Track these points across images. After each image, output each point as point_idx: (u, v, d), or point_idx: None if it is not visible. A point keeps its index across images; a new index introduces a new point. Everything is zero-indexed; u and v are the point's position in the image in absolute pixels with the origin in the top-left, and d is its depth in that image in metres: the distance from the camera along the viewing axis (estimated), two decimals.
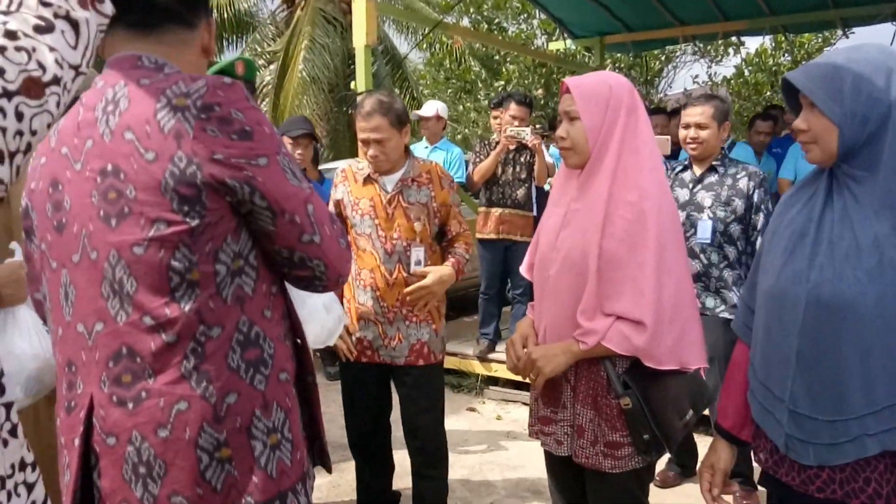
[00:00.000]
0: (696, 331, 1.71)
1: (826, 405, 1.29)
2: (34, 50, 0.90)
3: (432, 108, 5.23)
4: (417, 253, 2.57)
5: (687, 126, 2.99)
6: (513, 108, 4.55)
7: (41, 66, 0.90)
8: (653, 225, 1.64)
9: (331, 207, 2.69)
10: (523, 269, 2.02)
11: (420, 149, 5.21)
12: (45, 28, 0.92)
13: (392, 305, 2.58)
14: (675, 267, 1.66)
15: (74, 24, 0.96)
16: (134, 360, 1.09)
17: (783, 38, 9.92)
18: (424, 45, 12.71)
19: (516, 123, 4.50)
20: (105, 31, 1.13)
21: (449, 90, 12.62)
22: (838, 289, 1.25)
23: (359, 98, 3.08)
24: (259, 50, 12.42)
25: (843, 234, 1.28)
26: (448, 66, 12.63)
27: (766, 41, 10.97)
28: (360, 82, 4.71)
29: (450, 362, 4.52)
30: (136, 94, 1.10)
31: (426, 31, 8.19)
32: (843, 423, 1.27)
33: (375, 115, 2.50)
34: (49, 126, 0.94)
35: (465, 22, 12.26)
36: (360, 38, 4.58)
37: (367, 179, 2.63)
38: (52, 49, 0.92)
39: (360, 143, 2.62)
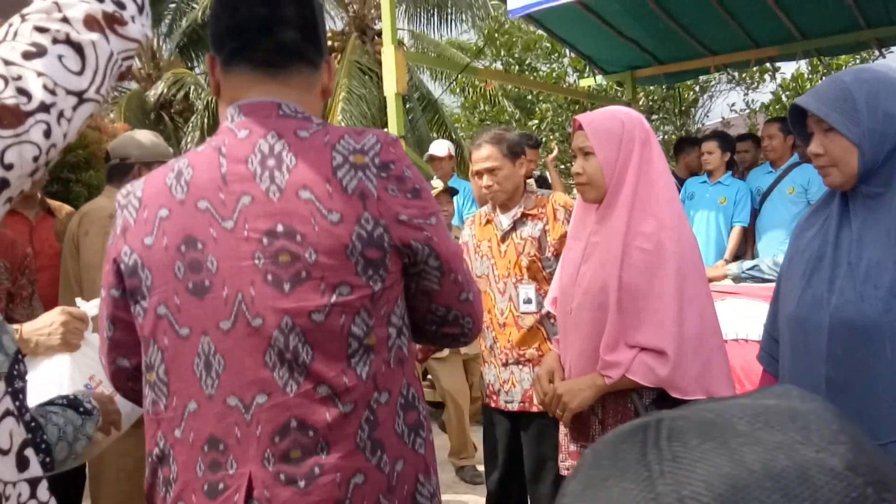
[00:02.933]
0: (721, 360, 1.68)
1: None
2: (18, 78, 0.82)
3: (444, 147, 5.22)
4: (526, 291, 2.44)
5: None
6: None
7: (23, 93, 0.82)
8: (672, 255, 1.63)
9: None
10: (547, 303, 2.03)
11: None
12: (35, 54, 0.84)
13: (504, 347, 2.48)
14: (697, 296, 1.65)
15: (77, 48, 0.87)
16: (305, 433, 0.99)
17: (818, 62, 9.79)
18: (458, 90, 12.93)
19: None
20: (224, 70, 1.10)
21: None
22: (861, 310, 1.22)
23: None
24: None
25: (861, 254, 1.26)
26: (482, 108, 12.80)
27: (803, 65, 10.85)
28: (391, 128, 4.81)
29: None
30: (301, 148, 1.03)
31: (455, 75, 8.34)
32: (882, 448, 1.22)
33: (486, 145, 2.49)
34: (35, 159, 0.84)
35: (498, 66, 12.45)
36: (390, 86, 4.69)
37: (488, 221, 2.59)
38: (40, 74, 0.84)
39: (474, 178, 2.57)
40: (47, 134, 0.84)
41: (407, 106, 12.26)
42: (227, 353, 1.01)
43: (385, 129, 4.97)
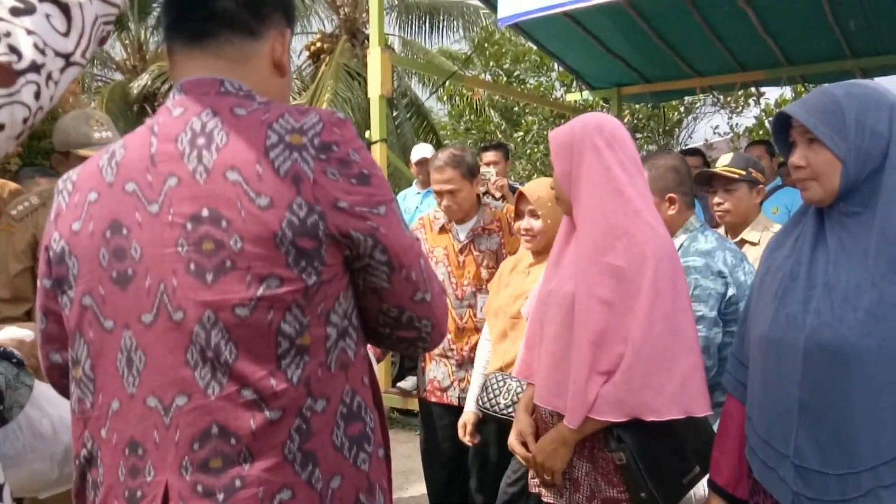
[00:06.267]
0: (699, 378, 1.59)
1: (835, 458, 1.20)
2: (7, 34, 0.79)
3: (429, 150, 5.25)
4: (484, 299, 2.63)
5: None
6: (484, 156, 4.88)
7: (13, 51, 0.79)
8: (647, 270, 1.56)
9: None
10: (525, 309, 2.00)
11: (412, 194, 5.22)
12: (23, 10, 0.81)
13: (461, 349, 2.64)
14: (672, 312, 1.57)
15: (64, 8, 0.84)
16: (227, 441, 0.90)
17: (803, 89, 9.91)
18: (444, 98, 12.92)
19: (490, 167, 4.77)
20: (168, 48, 1.03)
21: (469, 140, 12.76)
22: (839, 333, 1.18)
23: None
24: None
25: (839, 275, 1.22)
26: (468, 117, 12.79)
27: (787, 91, 10.97)
28: (374, 131, 4.77)
29: None
30: (235, 126, 0.94)
31: (441, 82, 8.33)
32: (855, 476, 1.19)
33: (447, 168, 2.63)
34: (25, 121, 0.80)
35: (487, 77, 12.46)
36: (374, 88, 4.66)
37: (442, 229, 2.76)
38: (30, 32, 0.80)
39: (434, 194, 2.75)
40: (37, 95, 0.81)
41: (395, 112, 12.22)
42: (148, 349, 0.94)
43: (367, 133, 4.93)
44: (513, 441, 1.83)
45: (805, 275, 1.27)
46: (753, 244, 2.59)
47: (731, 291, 1.88)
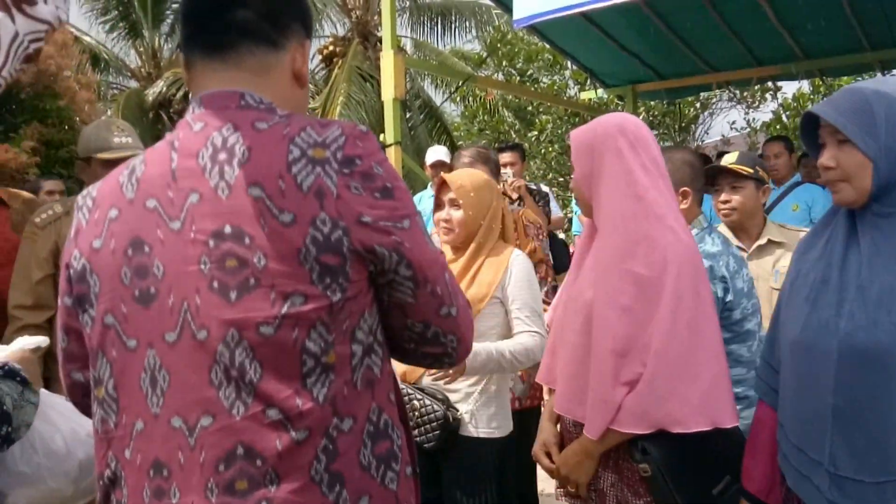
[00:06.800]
0: (725, 387, 1.54)
1: (871, 465, 1.17)
2: None
3: (444, 152, 5.18)
4: None
5: None
6: (500, 157, 4.77)
7: None
8: (669, 276, 1.52)
9: None
10: (547, 315, 1.97)
11: (427, 197, 5.19)
12: None
13: None
14: (694, 319, 1.52)
15: None
16: (253, 462, 0.88)
17: (820, 82, 9.79)
18: (458, 98, 12.91)
19: (507, 169, 4.68)
20: (186, 61, 1.03)
21: (483, 141, 12.74)
22: (874, 336, 1.15)
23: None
24: None
25: (872, 277, 1.18)
26: (482, 117, 12.77)
27: (805, 85, 10.84)
28: (388, 134, 4.75)
29: None
30: (257, 140, 0.93)
31: (457, 86, 8.30)
32: (893, 484, 1.15)
33: (476, 164, 2.57)
34: None
35: (500, 76, 12.43)
36: (388, 91, 4.64)
37: None
38: None
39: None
40: None
41: (408, 114, 12.23)
42: (171, 369, 0.92)
43: (382, 136, 4.91)
44: (537, 451, 1.80)
45: (837, 278, 1.24)
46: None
47: (728, 297, 1.84)
